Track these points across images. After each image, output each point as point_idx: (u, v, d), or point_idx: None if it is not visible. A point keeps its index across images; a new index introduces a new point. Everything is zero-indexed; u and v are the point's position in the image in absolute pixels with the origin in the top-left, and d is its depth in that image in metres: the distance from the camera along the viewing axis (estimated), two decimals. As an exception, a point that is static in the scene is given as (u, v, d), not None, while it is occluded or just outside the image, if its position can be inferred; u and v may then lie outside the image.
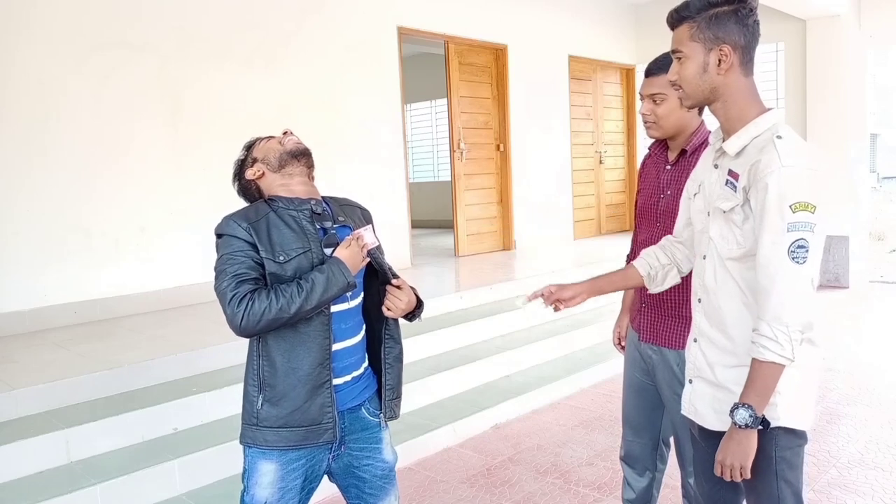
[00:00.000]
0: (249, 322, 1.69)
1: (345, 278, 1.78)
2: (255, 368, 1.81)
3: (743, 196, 1.61)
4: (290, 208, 1.85)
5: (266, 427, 1.80)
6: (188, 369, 3.68)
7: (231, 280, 1.72)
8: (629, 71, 9.64)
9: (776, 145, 1.56)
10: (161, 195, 4.96)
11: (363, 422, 1.97)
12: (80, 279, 4.63)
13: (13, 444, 2.90)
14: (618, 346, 2.65)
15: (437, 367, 4.30)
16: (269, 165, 1.90)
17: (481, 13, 7.33)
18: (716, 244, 1.70)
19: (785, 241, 1.53)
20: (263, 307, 1.69)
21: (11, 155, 4.36)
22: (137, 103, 4.86)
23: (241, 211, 1.84)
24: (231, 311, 1.69)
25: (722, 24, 1.62)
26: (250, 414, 1.82)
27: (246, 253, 1.75)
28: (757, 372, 1.57)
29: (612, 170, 9.48)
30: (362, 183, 6.15)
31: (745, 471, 1.61)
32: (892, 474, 3.24)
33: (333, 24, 6.02)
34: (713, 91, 1.66)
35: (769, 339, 1.54)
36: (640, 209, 2.42)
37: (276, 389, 1.79)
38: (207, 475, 3.12)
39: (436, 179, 12.02)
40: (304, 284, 1.73)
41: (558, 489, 3.26)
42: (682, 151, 2.23)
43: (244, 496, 1.86)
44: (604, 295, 2.21)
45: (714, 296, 1.72)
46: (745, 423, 1.57)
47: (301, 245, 1.80)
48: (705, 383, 1.76)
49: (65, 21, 4.54)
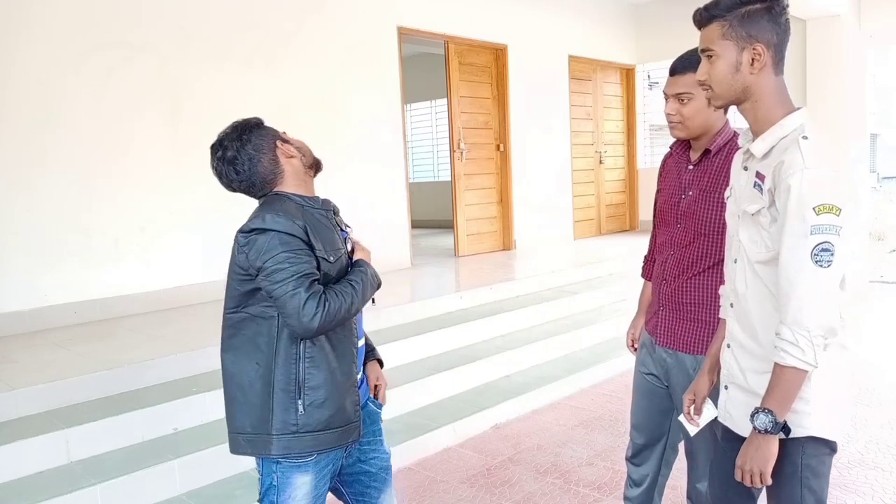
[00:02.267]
0: (326, 321, 1.67)
1: (378, 278, 1.87)
2: (293, 373, 1.73)
3: (769, 198, 1.58)
4: (317, 208, 1.85)
5: (306, 433, 1.74)
6: (188, 369, 3.68)
7: (302, 279, 1.67)
8: (629, 71, 9.65)
9: (801, 146, 1.53)
10: (161, 195, 4.96)
11: (372, 415, 2.01)
12: (80, 279, 4.63)
13: (13, 444, 2.90)
14: (630, 347, 2.59)
15: (437, 367, 4.30)
16: (305, 159, 1.89)
17: (481, 13, 7.33)
18: (745, 248, 1.66)
19: (808, 245, 1.49)
20: (337, 306, 1.69)
21: (11, 155, 4.36)
22: (137, 103, 4.86)
23: (280, 207, 1.75)
24: (308, 311, 1.64)
25: (755, 21, 1.58)
26: (285, 423, 1.73)
27: (308, 252, 1.71)
28: (778, 377, 1.54)
29: (612, 170, 9.48)
30: (362, 183, 6.16)
31: (765, 477, 1.57)
32: (892, 474, 3.24)
33: (333, 24, 6.02)
34: (745, 91, 1.62)
35: (790, 343, 1.51)
36: (660, 209, 2.38)
37: (318, 392, 1.75)
38: (207, 475, 3.12)
39: (436, 179, 12.01)
40: (356, 285, 1.76)
41: (558, 489, 3.26)
42: (705, 151, 2.19)
43: None
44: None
45: (745, 300, 1.69)
46: (765, 428, 1.54)
47: (340, 245, 1.84)
48: (739, 390, 1.73)
49: (65, 21, 4.54)
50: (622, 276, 6.49)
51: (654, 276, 2.39)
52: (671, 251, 2.27)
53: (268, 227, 1.69)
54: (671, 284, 2.25)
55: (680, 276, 2.23)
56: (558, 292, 5.78)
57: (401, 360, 4.28)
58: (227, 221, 2.09)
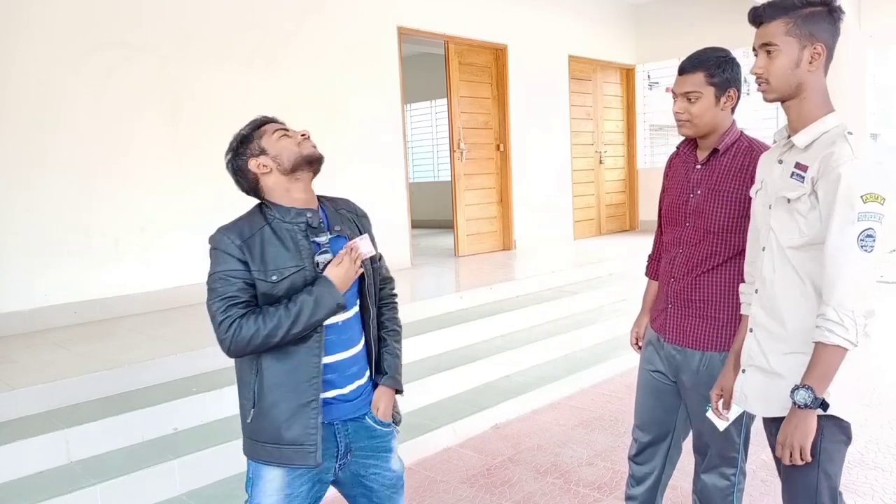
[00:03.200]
0: (237, 347, 1.69)
1: (333, 300, 1.73)
2: (249, 382, 1.78)
3: (811, 186, 1.65)
4: (286, 220, 1.78)
5: (256, 441, 1.79)
6: (188, 369, 3.68)
7: (221, 302, 1.70)
8: (629, 71, 9.65)
9: (848, 139, 1.63)
10: (161, 195, 4.96)
11: (369, 430, 1.92)
12: (80, 279, 4.63)
13: (13, 444, 2.90)
14: (634, 345, 2.59)
15: (437, 367, 4.29)
16: (280, 166, 1.79)
17: (481, 13, 7.33)
18: (776, 234, 1.75)
19: (854, 231, 1.58)
20: (251, 333, 1.67)
21: (11, 155, 4.36)
22: (137, 103, 4.86)
23: (235, 224, 1.78)
24: (220, 335, 1.70)
25: (816, 22, 1.67)
26: (244, 426, 1.82)
27: (238, 273, 1.71)
28: (820, 355, 1.61)
29: (612, 170, 9.48)
30: (362, 183, 6.15)
31: (805, 452, 1.64)
32: (892, 474, 3.24)
33: (333, 24, 6.02)
34: (799, 86, 1.70)
35: (835, 322, 1.59)
36: (667, 208, 2.38)
37: (262, 404, 1.76)
38: (207, 475, 3.12)
39: (436, 179, 12.01)
40: (291, 308, 1.68)
41: (558, 489, 3.26)
42: (713, 151, 2.20)
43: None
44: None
45: (771, 285, 1.77)
46: (805, 403, 1.61)
47: (295, 263, 1.75)
48: (758, 371, 1.81)
49: (65, 21, 4.54)
50: (622, 276, 6.49)
51: (661, 275, 2.39)
52: (679, 249, 2.28)
53: (214, 244, 1.76)
54: (680, 282, 2.26)
55: (689, 274, 2.24)
56: (558, 292, 5.78)
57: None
58: (227, 221, 2.10)
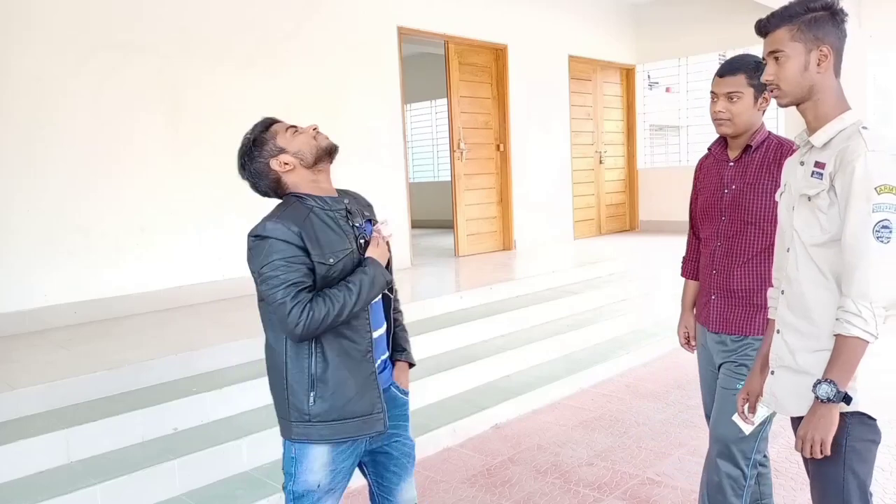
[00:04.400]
0: (310, 329, 1.75)
1: (384, 278, 1.90)
2: (306, 366, 1.83)
3: (829, 182, 1.69)
4: (327, 208, 1.88)
5: (320, 422, 1.84)
6: (188, 369, 3.68)
7: (290, 288, 1.75)
8: (629, 71, 9.65)
9: (862, 134, 1.67)
10: (161, 195, 4.96)
11: (394, 399, 2.05)
12: (80, 279, 4.63)
13: (13, 444, 2.90)
14: (686, 345, 2.65)
15: (437, 367, 4.29)
16: (304, 161, 1.88)
17: (481, 13, 7.33)
18: (799, 233, 1.77)
19: (870, 222, 1.60)
20: (323, 314, 1.75)
21: (11, 155, 4.36)
22: (137, 103, 4.86)
23: (283, 213, 1.83)
24: (292, 320, 1.73)
25: (821, 26, 1.72)
26: (300, 411, 1.84)
27: (300, 259, 1.77)
28: (841, 348, 1.63)
29: (612, 170, 9.48)
30: (362, 183, 6.08)
31: (826, 446, 1.65)
32: (892, 474, 3.24)
33: (333, 24, 6.02)
34: (810, 89, 1.74)
35: (854, 314, 1.61)
36: (701, 206, 2.48)
37: (328, 384, 1.83)
38: (207, 475, 3.12)
39: (436, 179, 12.01)
40: (352, 287, 1.80)
41: (558, 489, 3.26)
42: (746, 148, 2.32)
43: (290, 486, 1.88)
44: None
45: (797, 284, 1.79)
46: (828, 396, 1.62)
47: (345, 246, 1.86)
48: (787, 371, 1.82)
49: (65, 21, 4.54)
50: (622, 276, 6.49)
51: (702, 268, 2.49)
52: (718, 243, 2.38)
53: (267, 234, 1.78)
54: (721, 274, 2.37)
55: (730, 265, 2.35)
56: (558, 292, 5.78)
57: (401, 360, 4.29)
58: (228, 221, 2.11)
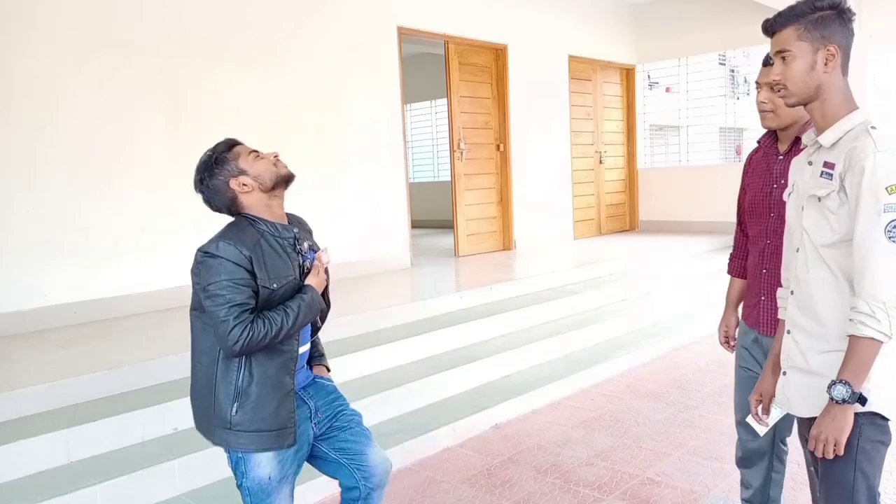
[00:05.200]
0: (248, 347, 1.87)
1: (318, 304, 2.04)
2: (233, 378, 1.95)
3: (839, 182, 1.69)
4: (276, 235, 2.01)
5: (241, 431, 1.96)
6: (188, 369, 3.66)
7: (234, 308, 1.86)
8: (629, 71, 9.64)
9: (871, 133, 1.67)
10: (161, 195, 4.96)
11: (323, 388, 2.22)
12: (80, 279, 4.63)
13: (13, 444, 2.90)
14: (725, 345, 2.59)
15: (437, 367, 4.29)
16: (262, 185, 2.01)
17: (481, 13, 7.33)
18: (809, 234, 1.77)
19: (881, 222, 1.60)
20: (262, 334, 1.87)
21: (11, 155, 4.36)
22: (137, 103, 4.86)
23: (234, 235, 1.93)
24: (232, 337, 1.85)
25: (827, 25, 1.71)
26: (222, 419, 1.96)
27: (246, 281, 1.89)
28: (854, 349, 1.63)
29: (612, 170, 9.48)
30: (362, 183, 6.16)
31: (839, 446, 1.65)
32: (892, 474, 3.24)
33: (333, 24, 6.02)
34: (817, 89, 1.74)
35: (867, 315, 1.60)
36: (749, 203, 2.43)
37: (250, 397, 1.95)
38: (207, 475, 3.12)
39: (436, 179, 12.02)
40: (289, 312, 1.94)
41: (558, 489, 3.26)
42: (795, 140, 2.26)
43: (244, 483, 2.01)
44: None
45: (806, 285, 1.79)
46: (843, 398, 1.62)
47: (289, 273, 2.00)
48: (798, 372, 1.81)
49: (65, 21, 4.54)
50: (622, 276, 6.49)
51: (750, 267, 2.43)
52: (767, 241, 2.33)
53: (219, 254, 1.89)
54: (772, 273, 2.29)
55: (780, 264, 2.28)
56: (558, 292, 5.78)
57: (401, 360, 4.28)
58: (227, 220, 2.13)
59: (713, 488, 3.20)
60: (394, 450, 3.42)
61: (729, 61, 16.49)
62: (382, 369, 4.19)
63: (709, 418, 4.06)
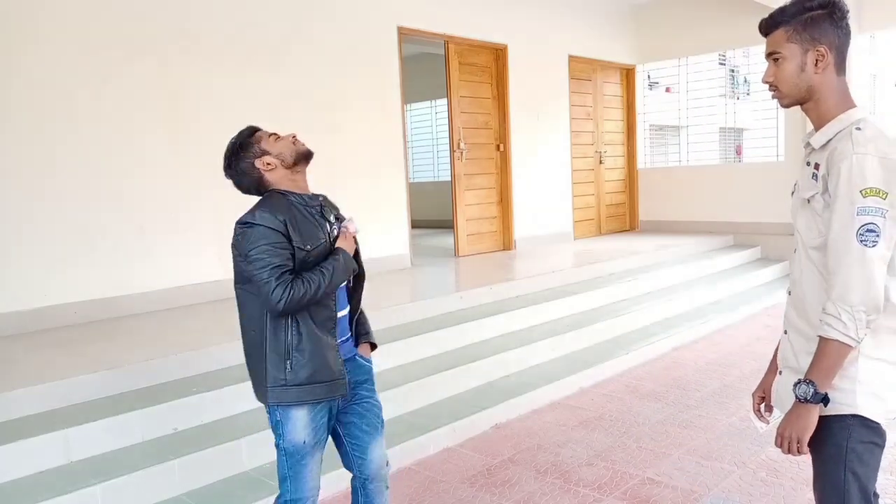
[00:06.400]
0: (290, 305, 2.03)
1: (350, 265, 2.22)
2: (283, 338, 2.10)
3: (823, 184, 1.68)
4: (304, 204, 2.18)
5: (293, 386, 2.11)
6: (188, 369, 3.68)
7: (274, 270, 2.02)
8: (629, 71, 9.64)
9: (852, 135, 1.65)
10: (161, 195, 4.96)
11: (361, 367, 2.35)
12: (80, 279, 4.63)
13: (13, 444, 2.90)
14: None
15: (437, 367, 4.29)
16: (284, 162, 2.19)
17: (481, 13, 7.33)
18: (801, 235, 1.78)
19: (854, 225, 1.59)
20: (301, 293, 2.04)
21: (12, 155, 4.36)
22: (137, 103, 4.86)
23: (269, 204, 2.11)
24: (276, 297, 2.01)
25: (818, 25, 1.71)
26: (276, 378, 2.11)
27: (284, 245, 2.06)
28: (822, 350, 1.64)
29: (612, 170, 9.48)
30: (362, 183, 6.15)
31: (802, 445, 1.67)
32: (892, 474, 3.24)
33: (333, 24, 6.02)
34: (809, 90, 1.74)
35: (834, 317, 1.61)
36: None
37: (304, 353, 2.11)
38: (207, 475, 3.12)
39: (436, 179, 12.01)
40: (325, 272, 2.10)
41: (558, 489, 3.26)
42: None
43: (281, 444, 2.16)
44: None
45: (799, 286, 1.80)
46: (805, 397, 1.64)
47: (320, 236, 2.16)
48: (791, 372, 1.82)
49: (65, 21, 4.54)
50: (622, 276, 6.49)
51: None
52: None
53: (256, 221, 2.06)
54: None
55: None
56: (558, 292, 5.78)
57: (401, 360, 4.28)
58: (228, 221, 2.17)
59: (713, 488, 3.20)
60: (394, 450, 3.42)
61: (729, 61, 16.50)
62: (382, 369, 4.19)
63: (709, 418, 4.06)
